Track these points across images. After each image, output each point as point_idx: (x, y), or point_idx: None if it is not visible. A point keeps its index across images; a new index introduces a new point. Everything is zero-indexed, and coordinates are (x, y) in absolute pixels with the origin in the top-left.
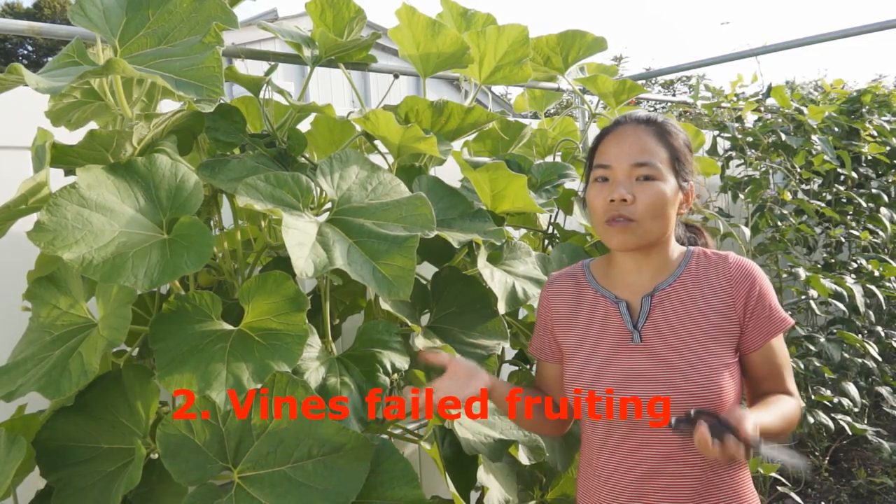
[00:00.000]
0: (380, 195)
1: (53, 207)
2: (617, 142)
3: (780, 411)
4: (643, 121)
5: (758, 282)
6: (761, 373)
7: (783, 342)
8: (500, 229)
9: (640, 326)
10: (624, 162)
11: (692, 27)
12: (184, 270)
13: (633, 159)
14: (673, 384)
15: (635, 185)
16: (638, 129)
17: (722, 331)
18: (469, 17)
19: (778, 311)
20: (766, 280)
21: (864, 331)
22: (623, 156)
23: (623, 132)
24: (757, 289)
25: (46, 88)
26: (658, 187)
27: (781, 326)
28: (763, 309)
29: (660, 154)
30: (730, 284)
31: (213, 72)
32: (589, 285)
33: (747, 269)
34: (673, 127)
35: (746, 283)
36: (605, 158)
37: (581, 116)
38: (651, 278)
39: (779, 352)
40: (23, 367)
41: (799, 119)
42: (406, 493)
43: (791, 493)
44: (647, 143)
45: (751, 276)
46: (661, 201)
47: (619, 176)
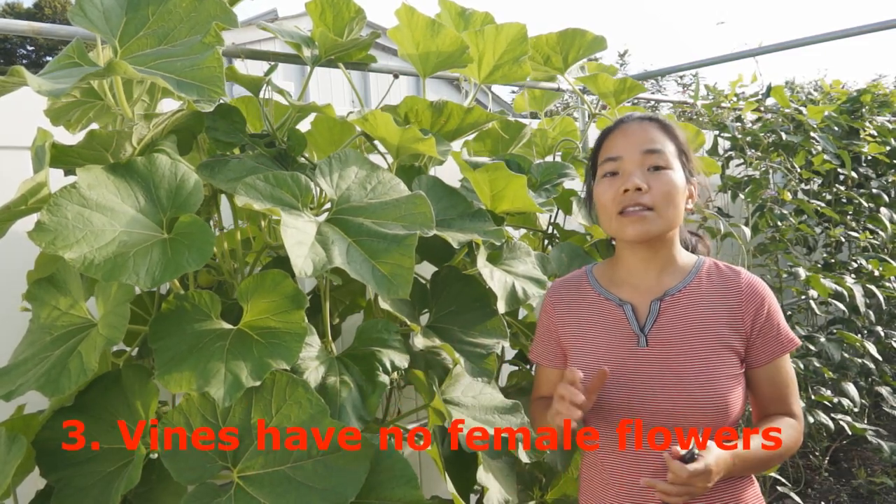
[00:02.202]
0: (379, 194)
1: (54, 207)
2: (624, 135)
3: (769, 452)
4: (646, 118)
5: (767, 301)
6: (767, 392)
7: (789, 362)
8: (500, 229)
9: (646, 330)
10: (634, 151)
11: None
12: (186, 268)
13: (644, 146)
14: (678, 389)
15: (648, 175)
16: (643, 124)
17: (728, 342)
18: (467, 17)
19: (785, 331)
20: (775, 300)
21: (864, 331)
22: (633, 145)
23: (629, 127)
24: (766, 308)
25: (49, 91)
26: (670, 175)
27: (788, 347)
28: (771, 328)
29: (667, 145)
30: (740, 299)
31: (213, 72)
32: (593, 289)
33: (758, 287)
34: (674, 125)
35: (756, 301)
36: (614, 151)
37: (581, 116)
38: (657, 277)
39: (784, 371)
40: (23, 368)
41: (799, 119)
42: (405, 494)
43: (791, 493)
44: (654, 134)
45: (761, 294)
46: (675, 189)
47: (630, 166)
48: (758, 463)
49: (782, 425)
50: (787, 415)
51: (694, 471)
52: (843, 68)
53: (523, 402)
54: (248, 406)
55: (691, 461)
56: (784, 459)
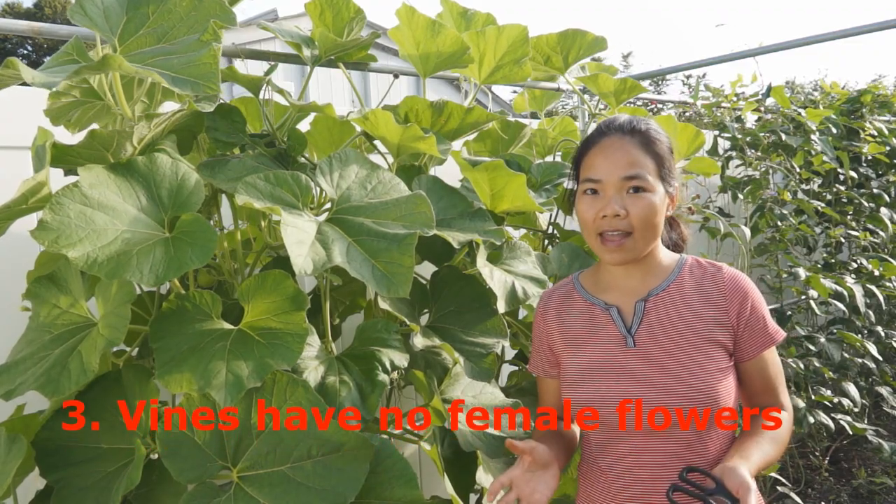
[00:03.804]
0: (379, 194)
1: (56, 206)
2: (605, 155)
3: (772, 439)
4: (627, 130)
5: (750, 294)
6: (757, 385)
7: (776, 355)
8: (500, 229)
9: (633, 331)
10: (614, 175)
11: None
12: (189, 265)
13: (623, 172)
14: (669, 387)
15: (626, 198)
16: (624, 141)
17: (715, 337)
18: (469, 17)
19: (771, 323)
20: (759, 293)
21: (864, 331)
22: (612, 169)
23: (609, 144)
24: (750, 301)
25: (42, 83)
26: (648, 199)
27: (774, 339)
28: (757, 321)
29: (647, 165)
30: (724, 294)
31: (209, 68)
32: (580, 296)
33: (741, 281)
34: (656, 133)
35: (739, 295)
36: (594, 172)
37: (581, 116)
38: (641, 281)
39: (772, 364)
40: (22, 366)
41: (798, 119)
42: (405, 494)
43: (791, 493)
44: (635, 156)
45: (744, 288)
46: (653, 212)
47: (610, 190)
48: (765, 464)
49: (779, 421)
50: (777, 405)
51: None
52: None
53: (523, 402)
54: (249, 406)
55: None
56: (782, 451)
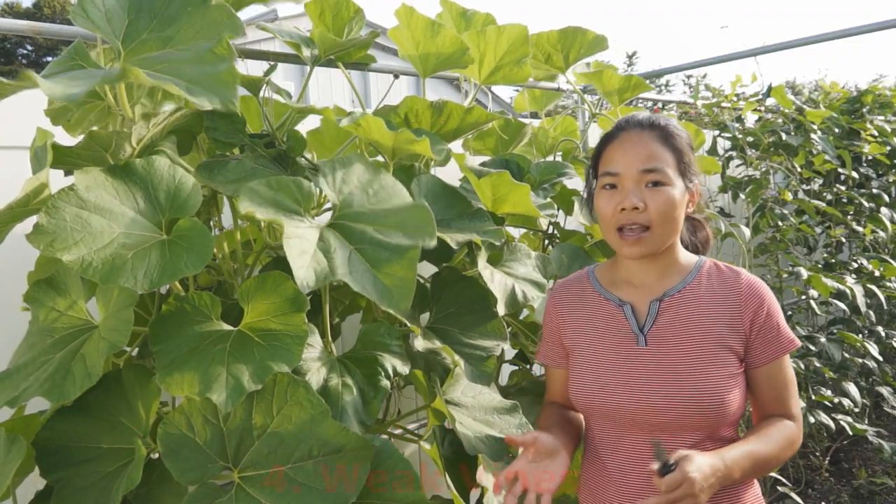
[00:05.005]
0: (381, 200)
1: (52, 210)
2: (623, 149)
3: (769, 439)
4: (647, 125)
5: (767, 302)
6: (766, 393)
7: (789, 363)
8: (499, 229)
9: (645, 330)
10: (632, 168)
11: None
12: (184, 272)
13: (642, 165)
14: (677, 389)
15: (645, 192)
16: (643, 135)
17: (727, 343)
18: (469, 17)
19: (786, 332)
20: (776, 301)
21: (865, 331)
22: (631, 162)
23: (628, 138)
24: (765, 309)
25: (63, 96)
26: (668, 193)
27: (788, 347)
28: (770, 329)
29: (667, 158)
30: (739, 300)
31: (229, 87)
32: (594, 290)
33: (758, 288)
34: (675, 128)
35: (755, 302)
36: (613, 166)
37: (581, 116)
38: (658, 279)
39: (784, 372)
40: (24, 372)
41: (799, 119)
42: (405, 494)
43: (791, 493)
44: (653, 149)
45: (760, 295)
46: (672, 206)
47: (629, 183)
48: (757, 465)
49: (781, 427)
50: (787, 416)
51: (672, 481)
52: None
53: (523, 402)
54: (250, 406)
55: (668, 472)
56: (784, 461)
